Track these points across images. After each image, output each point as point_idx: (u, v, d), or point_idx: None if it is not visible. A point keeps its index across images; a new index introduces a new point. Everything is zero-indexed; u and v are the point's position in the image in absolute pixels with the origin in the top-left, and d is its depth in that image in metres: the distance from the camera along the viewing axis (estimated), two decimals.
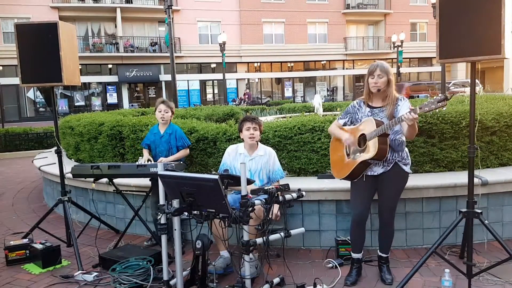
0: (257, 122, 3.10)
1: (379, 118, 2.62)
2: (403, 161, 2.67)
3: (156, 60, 25.48)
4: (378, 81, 2.60)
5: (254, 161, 3.15)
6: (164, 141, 3.68)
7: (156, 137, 3.72)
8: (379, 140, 2.51)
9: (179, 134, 3.73)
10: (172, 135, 3.69)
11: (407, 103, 2.60)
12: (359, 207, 2.74)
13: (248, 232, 2.41)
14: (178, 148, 3.70)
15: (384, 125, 2.48)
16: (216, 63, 26.35)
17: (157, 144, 3.71)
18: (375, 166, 2.68)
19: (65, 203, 3.56)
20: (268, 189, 2.49)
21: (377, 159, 2.59)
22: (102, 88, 25.60)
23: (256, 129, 3.08)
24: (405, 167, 2.68)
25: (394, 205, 2.75)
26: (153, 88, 26.63)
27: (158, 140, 3.70)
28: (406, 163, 2.69)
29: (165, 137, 3.69)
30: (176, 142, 3.69)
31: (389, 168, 2.65)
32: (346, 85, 30.72)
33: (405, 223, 3.34)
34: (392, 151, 2.63)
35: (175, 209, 2.32)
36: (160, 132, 3.72)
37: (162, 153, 3.67)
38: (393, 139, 2.62)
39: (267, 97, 28.79)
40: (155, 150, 3.72)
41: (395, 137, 2.62)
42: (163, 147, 3.68)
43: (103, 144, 4.52)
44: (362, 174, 2.72)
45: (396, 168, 2.65)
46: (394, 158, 2.64)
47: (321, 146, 3.67)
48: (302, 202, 3.41)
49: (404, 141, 2.68)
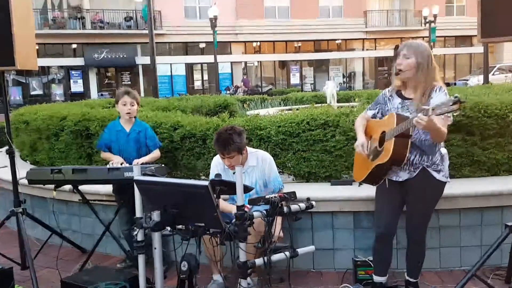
0: (229, 150, 3.02)
1: (408, 112, 2.63)
2: (434, 166, 2.66)
3: (131, 39, 25.45)
4: (402, 61, 2.61)
5: (246, 174, 3.17)
6: (132, 139, 3.68)
7: (121, 136, 3.70)
8: (395, 141, 2.52)
9: (151, 133, 3.75)
10: (142, 133, 3.70)
11: (443, 95, 2.56)
12: (384, 219, 2.75)
13: (246, 251, 2.41)
14: (149, 149, 3.70)
15: (404, 123, 2.48)
16: (206, 43, 26.32)
17: (123, 145, 3.68)
18: (400, 170, 2.69)
19: (18, 215, 3.55)
20: (270, 198, 2.49)
21: (393, 165, 2.60)
22: (64, 73, 25.56)
23: (232, 157, 3.05)
24: (437, 174, 2.66)
25: (423, 220, 2.76)
26: (127, 74, 26.61)
27: (124, 139, 3.68)
28: (439, 170, 2.67)
29: (133, 135, 3.69)
30: (147, 141, 3.70)
31: (415, 175, 2.66)
32: (367, 69, 30.75)
33: (438, 240, 3.35)
34: (420, 153, 2.63)
35: (155, 223, 2.32)
36: (125, 130, 3.71)
37: (130, 156, 3.65)
38: (422, 139, 2.62)
39: (269, 84, 28.81)
40: (119, 152, 3.69)
41: (424, 137, 2.62)
42: (131, 148, 3.67)
43: (66, 142, 4.51)
44: (384, 179, 2.73)
45: (424, 175, 2.65)
46: (421, 163, 2.64)
47: (335, 145, 3.67)
48: (312, 214, 3.42)
49: (439, 142, 2.68)
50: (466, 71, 30.49)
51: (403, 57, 2.62)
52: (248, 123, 3.93)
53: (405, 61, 2.61)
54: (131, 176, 2.99)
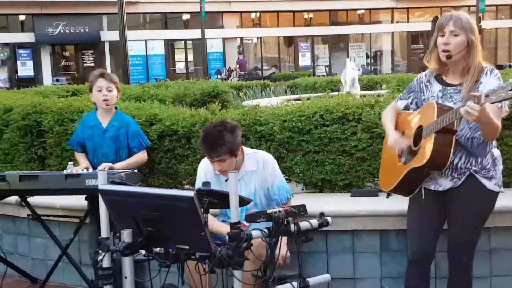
0: (219, 151, 3.01)
1: (451, 102, 2.63)
2: (485, 172, 2.66)
3: (95, 9, 25.50)
4: (449, 41, 2.59)
5: (243, 182, 3.17)
6: (110, 137, 3.69)
7: (96, 132, 3.72)
8: (436, 138, 2.51)
9: (134, 129, 3.74)
10: (123, 129, 3.70)
11: (495, 79, 2.57)
12: (420, 240, 2.76)
13: (242, 281, 2.41)
14: (132, 150, 3.71)
15: (447, 115, 2.47)
16: (191, 14, 26.36)
17: (97, 143, 3.71)
18: (441, 177, 2.69)
19: None
20: (273, 214, 2.49)
21: (432, 168, 2.60)
22: (9, 52, 25.60)
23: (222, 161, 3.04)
24: (488, 182, 2.66)
25: (471, 240, 2.76)
26: (90, 53, 26.67)
27: (99, 137, 3.70)
28: (490, 176, 2.67)
29: (110, 131, 3.69)
30: (129, 140, 3.70)
31: (460, 182, 2.66)
32: (397, 48, 30.84)
33: (489, 266, 3.36)
34: (466, 155, 2.63)
35: (125, 244, 2.32)
36: (101, 124, 3.72)
37: (107, 157, 3.67)
38: (470, 137, 2.62)
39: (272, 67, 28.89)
40: (94, 153, 3.73)
41: (472, 134, 2.62)
42: (107, 148, 3.69)
43: (11, 141, 4.52)
44: (420, 188, 2.73)
45: (471, 183, 2.65)
46: (468, 167, 2.64)
47: (356, 145, 3.68)
48: (326, 233, 3.42)
49: (490, 141, 2.68)
50: None
51: (449, 34, 2.60)
52: (245, 117, 3.94)
53: (454, 40, 2.59)
54: (95, 185, 2.99)
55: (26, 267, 4.14)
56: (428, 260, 2.79)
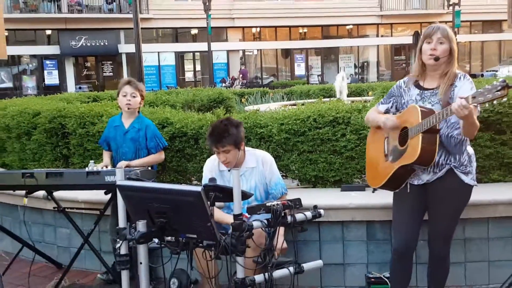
0: (224, 142, 3.03)
1: (429, 104, 2.63)
2: (462, 168, 2.66)
3: (113, 24, 25.45)
4: (437, 47, 2.61)
5: (244, 177, 3.16)
6: (130, 138, 3.68)
7: (118, 132, 3.71)
8: (423, 137, 2.51)
9: (152, 132, 3.72)
10: (142, 131, 3.68)
11: (469, 83, 2.60)
12: (405, 231, 2.75)
13: (244, 266, 2.41)
14: (150, 151, 3.70)
15: (432, 117, 2.47)
16: (199, 29, 26.34)
17: (119, 143, 3.70)
18: (423, 173, 2.69)
19: None
20: (272, 206, 2.49)
21: (421, 164, 2.60)
22: (37, 63, 25.58)
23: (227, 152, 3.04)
24: (465, 177, 2.67)
25: (450, 230, 2.76)
26: (109, 64, 26.62)
27: (121, 137, 3.70)
28: (467, 171, 2.68)
29: (130, 132, 3.68)
30: (147, 142, 3.68)
31: (441, 176, 2.66)
32: (382, 59, 30.77)
33: (463, 254, 3.35)
34: (445, 152, 2.63)
35: (140, 234, 2.31)
36: (123, 126, 3.71)
37: (125, 156, 3.67)
38: (449, 136, 2.62)
39: (271, 76, 28.84)
40: (116, 151, 3.73)
41: (451, 133, 2.62)
42: (127, 148, 3.68)
43: (39, 142, 4.51)
44: (406, 183, 2.73)
45: (450, 178, 2.65)
46: (448, 163, 2.65)
47: (346, 145, 3.67)
48: (319, 224, 3.42)
49: (466, 140, 2.68)
50: (495, 61, 30.54)
51: (437, 41, 2.61)
52: (246, 120, 3.93)
53: (440, 47, 2.61)
54: (113, 181, 3.00)
55: (52, 254, 4.15)
56: (411, 249, 2.78)
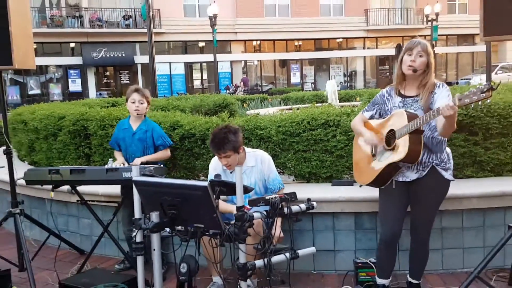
0: (225, 149, 3.04)
1: (412, 110, 2.63)
2: (443, 164, 2.67)
3: (130, 38, 25.44)
4: (416, 59, 2.61)
5: (245, 175, 3.16)
6: (137, 139, 3.68)
7: (127, 134, 3.72)
8: (410, 138, 2.51)
9: (158, 132, 3.73)
10: (148, 132, 3.69)
11: (446, 91, 2.61)
12: (390, 223, 2.74)
13: (246, 252, 2.41)
14: (157, 148, 3.71)
15: (418, 120, 2.47)
16: (206, 42, 26.30)
17: (128, 143, 3.71)
18: (408, 171, 2.68)
19: (16, 216, 3.54)
20: (270, 199, 2.49)
21: (408, 162, 2.59)
22: (62, 72, 25.55)
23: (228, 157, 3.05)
24: (445, 173, 2.68)
25: (430, 220, 2.76)
26: (126, 73, 26.59)
27: (129, 138, 3.70)
28: (447, 168, 2.69)
29: (138, 134, 3.69)
30: (154, 141, 3.69)
31: (425, 174, 2.66)
32: (368, 68, 30.72)
33: (441, 241, 3.35)
34: (428, 151, 2.63)
35: (153, 224, 2.31)
36: (131, 128, 3.72)
37: (134, 154, 3.68)
38: (430, 137, 2.62)
39: (269, 83, 28.79)
40: (125, 151, 3.74)
41: (432, 134, 2.62)
42: (135, 147, 3.68)
43: (64, 142, 4.51)
44: (392, 180, 2.72)
45: (433, 174, 2.65)
46: (430, 161, 2.65)
47: (336, 145, 3.67)
48: (312, 215, 3.42)
49: (445, 140, 2.69)
50: (469, 70, 30.49)
51: (417, 54, 2.62)
52: (248, 123, 3.93)
53: (419, 60, 2.61)
54: (130, 177, 3.00)
55: (75, 241, 4.15)
56: (396, 238, 2.78)
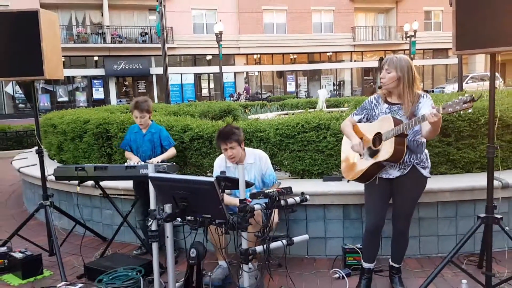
0: (231, 139, 3.02)
1: (398, 116, 2.62)
2: (422, 164, 2.66)
3: (146, 52, 25.46)
4: (384, 75, 2.62)
5: (246, 171, 3.15)
6: (148, 140, 3.69)
7: (138, 136, 3.73)
8: (396, 140, 2.51)
9: (165, 134, 3.76)
10: (156, 134, 3.71)
11: (429, 101, 2.58)
12: (376, 214, 2.74)
13: (247, 239, 2.41)
14: (164, 148, 3.71)
15: (403, 125, 2.47)
16: (212, 55, 26.33)
17: (139, 144, 3.71)
18: (391, 169, 2.68)
19: (47, 208, 3.56)
20: (269, 193, 2.49)
21: (392, 161, 2.59)
22: (87, 82, 25.56)
23: (233, 148, 3.06)
24: (424, 171, 2.67)
25: (410, 212, 2.75)
26: (143, 82, 26.59)
27: (140, 139, 3.71)
28: (425, 167, 2.68)
29: (148, 135, 3.70)
30: (161, 141, 3.72)
31: (406, 172, 2.65)
32: (354, 78, 30.69)
33: (418, 230, 3.35)
34: (410, 152, 2.62)
35: (167, 214, 2.32)
36: (141, 131, 3.73)
37: (145, 153, 3.68)
38: (412, 140, 2.61)
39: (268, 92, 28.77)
40: (137, 151, 3.73)
41: (414, 137, 2.62)
42: (146, 147, 3.69)
43: (89, 143, 4.52)
44: (375, 177, 2.72)
45: (413, 172, 2.65)
46: (412, 161, 2.64)
47: (326, 145, 3.67)
48: (306, 207, 3.42)
49: (424, 142, 2.68)
50: (442, 80, 30.44)
51: (385, 71, 2.62)
52: (249, 126, 3.93)
53: (387, 75, 2.61)
54: (146, 173, 3.00)
55: (98, 230, 4.15)
56: (380, 227, 2.77)
